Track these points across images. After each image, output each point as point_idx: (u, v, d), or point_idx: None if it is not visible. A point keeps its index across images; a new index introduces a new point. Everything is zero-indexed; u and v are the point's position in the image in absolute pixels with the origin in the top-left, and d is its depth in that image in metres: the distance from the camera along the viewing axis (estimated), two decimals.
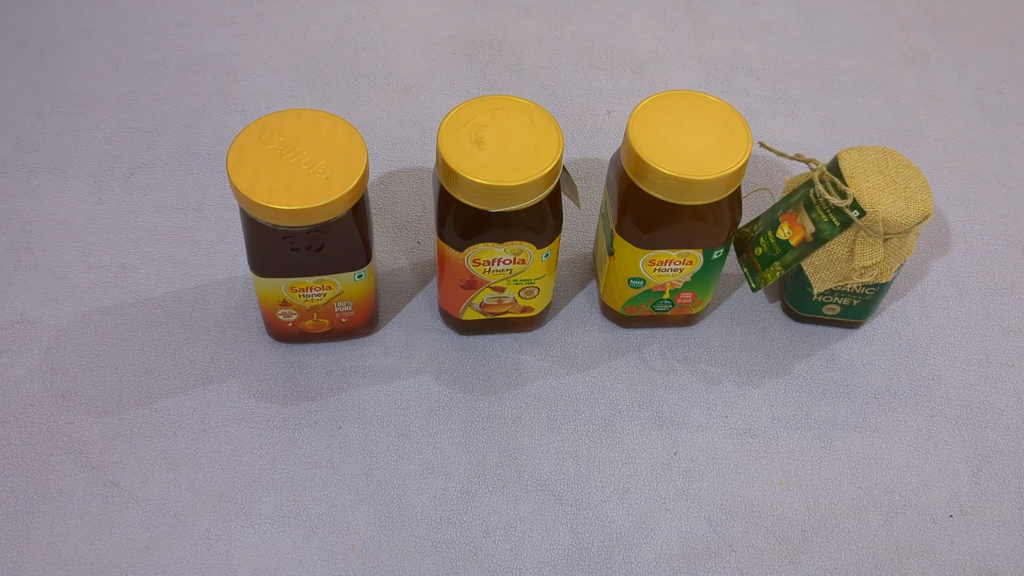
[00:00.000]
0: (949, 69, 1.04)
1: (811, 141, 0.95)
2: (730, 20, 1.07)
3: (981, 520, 0.74)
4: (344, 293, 0.73)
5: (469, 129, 0.68)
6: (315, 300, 0.73)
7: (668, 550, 0.71)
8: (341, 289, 0.72)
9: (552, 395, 0.78)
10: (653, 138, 0.69)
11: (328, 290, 0.72)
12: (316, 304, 0.73)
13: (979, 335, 0.84)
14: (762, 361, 0.81)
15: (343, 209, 0.66)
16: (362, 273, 0.72)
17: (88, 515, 0.70)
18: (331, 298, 0.73)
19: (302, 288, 0.71)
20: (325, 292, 0.72)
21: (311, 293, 0.72)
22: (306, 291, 0.72)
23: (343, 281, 0.72)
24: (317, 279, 0.71)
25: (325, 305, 0.74)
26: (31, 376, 0.76)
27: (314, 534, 0.70)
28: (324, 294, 0.72)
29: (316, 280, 0.71)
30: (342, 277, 0.71)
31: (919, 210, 0.72)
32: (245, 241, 0.70)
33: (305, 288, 0.72)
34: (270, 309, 0.74)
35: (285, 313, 0.74)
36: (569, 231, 0.86)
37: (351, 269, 0.71)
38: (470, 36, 1.02)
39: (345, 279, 0.72)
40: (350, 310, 0.75)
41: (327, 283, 0.71)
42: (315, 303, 0.73)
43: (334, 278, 0.71)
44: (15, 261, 0.83)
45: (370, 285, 0.74)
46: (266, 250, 0.69)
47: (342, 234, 0.68)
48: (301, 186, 0.64)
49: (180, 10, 1.02)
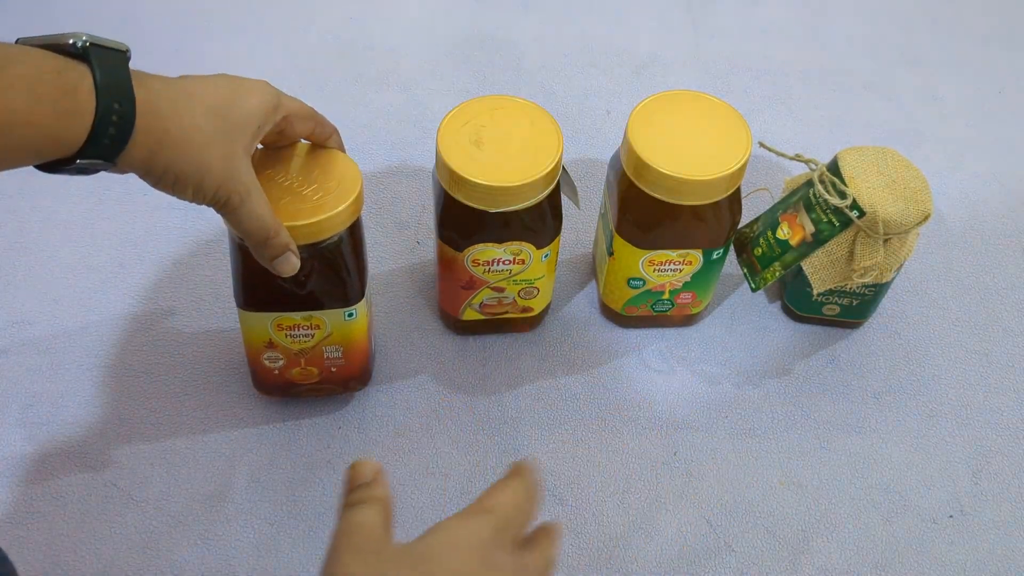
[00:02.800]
0: (949, 69, 1.04)
1: (811, 141, 0.95)
2: (730, 20, 1.07)
3: (981, 520, 0.74)
4: (334, 335, 0.69)
5: (469, 129, 0.68)
6: (303, 342, 0.69)
7: (668, 550, 0.71)
8: (331, 330, 0.68)
9: (552, 395, 0.78)
10: (653, 138, 0.69)
11: (316, 329, 0.68)
12: (304, 347, 0.69)
13: (979, 335, 0.84)
14: (762, 361, 0.81)
15: (334, 231, 0.63)
16: (353, 312, 0.68)
17: (88, 515, 0.70)
18: (320, 340, 0.69)
19: (289, 326, 0.68)
20: (313, 332, 0.68)
21: (298, 332, 0.68)
22: (293, 329, 0.68)
23: (332, 320, 0.68)
24: (305, 315, 0.67)
25: (313, 349, 0.70)
26: (31, 376, 0.76)
27: (314, 534, 0.70)
28: (312, 334, 0.68)
29: (304, 316, 0.67)
30: (331, 315, 0.67)
31: (919, 210, 0.72)
32: (232, 272, 0.66)
33: (292, 326, 0.68)
34: (256, 353, 0.70)
35: (271, 358, 0.70)
36: (569, 231, 0.86)
37: (341, 304, 0.67)
38: (470, 36, 1.02)
39: (334, 317, 0.67)
40: (340, 357, 0.71)
41: (316, 321, 0.67)
42: (303, 345, 0.69)
43: (323, 315, 0.67)
44: (15, 261, 0.83)
45: (362, 329, 0.70)
46: (254, 278, 0.64)
47: (332, 263, 0.65)
48: (291, 206, 0.61)
49: (180, 10, 1.02)
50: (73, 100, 0.48)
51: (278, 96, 0.60)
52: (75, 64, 0.49)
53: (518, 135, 0.68)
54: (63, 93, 0.48)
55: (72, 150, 0.49)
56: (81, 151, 0.49)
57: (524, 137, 0.68)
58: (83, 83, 0.49)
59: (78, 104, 0.48)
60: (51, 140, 0.48)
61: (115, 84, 0.50)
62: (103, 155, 0.50)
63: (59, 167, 0.50)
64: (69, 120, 0.48)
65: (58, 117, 0.48)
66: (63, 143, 0.49)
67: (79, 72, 0.49)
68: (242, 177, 0.56)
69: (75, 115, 0.48)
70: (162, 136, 0.52)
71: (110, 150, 0.50)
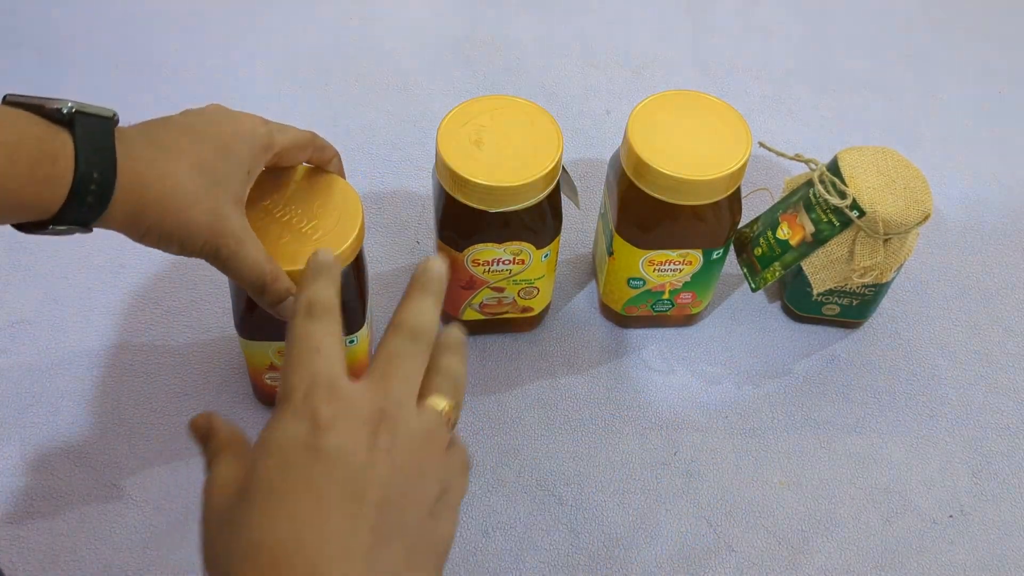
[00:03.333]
0: (949, 69, 1.04)
1: (811, 141, 0.95)
2: (730, 20, 1.07)
3: (981, 520, 0.74)
4: None
5: (469, 129, 0.68)
6: None
7: (668, 550, 0.71)
8: None
9: (552, 395, 0.78)
10: (653, 138, 0.69)
11: None
12: None
13: (979, 335, 0.84)
14: (762, 361, 0.81)
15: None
16: (354, 339, 0.67)
17: (87, 515, 0.70)
18: None
19: None
20: None
21: None
22: None
23: None
24: None
25: None
26: (31, 376, 0.76)
27: None
28: None
29: None
30: None
31: (919, 210, 0.72)
32: (232, 301, 0.65)
33: None
34: (257, 372, 0.70)
35: (273, 378, 0.70)
36: (569, 231, 0.86)
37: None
38: (470, 36, 1.02)
39: None
40: None
41: None
42: None
43: None
44: (15, 261, 0.83)
45: (363, 352, 0.70)
46: (253, 310, 0.63)
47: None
48: (290, 247, 0.60)
49: (180, 10, 1.02)
50: (52, 168, 0.48)
51: (269, 135, 0.58)
52: (58, 131, 0.49)
53: (518, 135, 0.68)
54: (42, 160, 0.48)
55: (48, 215, 0.49)
56: (56, 217, 0.49)
57: (524, 137, 0.68)
58: (64, 151, 0.48)
59: (57, 172, 0.48)
60: (25, 205, 0.48)
61: (97, 153, 0.49)
62: (78, 221, 0.50)
63: (33, 229, 0.50)
64: (46, 187, 0.48)
65: (35, 183, 0.48)
66: (38, 208, 0.49)
67: (61, 140, 0.49)
68: (231, 228, 0.55)
69: (53, 183, 0.48)
70: (143, 200, 0.51)
71: (87, 216, 0.50)
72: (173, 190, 0.52)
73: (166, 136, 0.54)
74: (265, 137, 0.58)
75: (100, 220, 0.51)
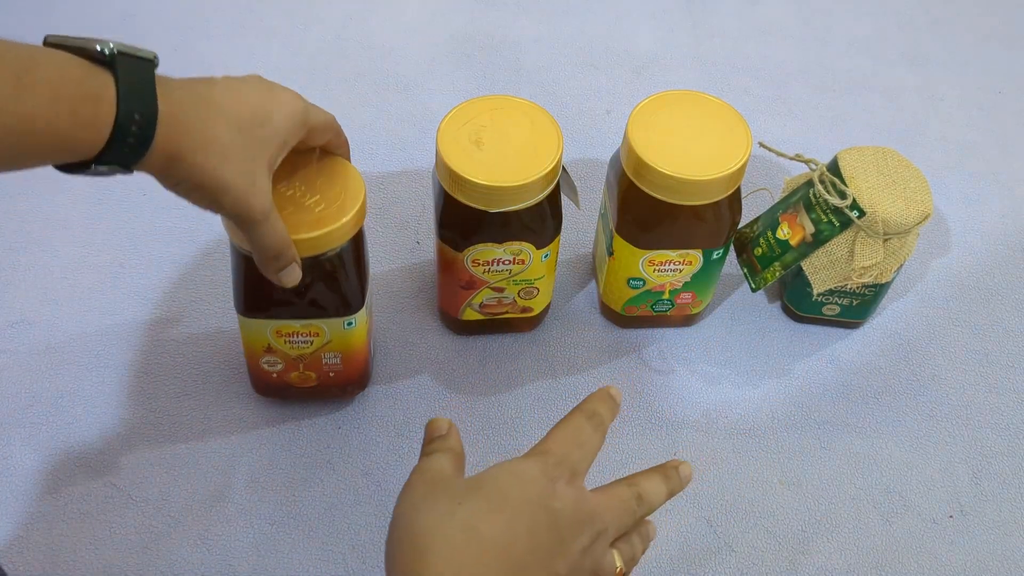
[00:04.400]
0: (949, 69, 1.04)
1: (811, 141, 0.95)
2: (730, 20, 1.07)
3: (981, 520, 0.74)
4: (333, 343, 0.69)
5: (469, 129, 0.68)
6: (302, 348, 0.69)
7: (668, 550, 0.71)
8: (330, 337, 0.68)
9: (552, 395, 0.78)
10: (653, 138, 0.69)
11: (316, 337, 0.68)
12: (303, 353, 0.69)
13: (979, 335, 0.84)
14: (762, 361, 0.81)
15: (336, 244, 0.62)
16: (352, 321, 0.68)
17: (87, 515, 0.70)
18: (319, 347, 0.69)
19: (288, 333, 0.67)
20: (312, 339, 0.68)
21: (298, 339, 0.68)
22: (292, 336, 0.67)
23: (332, 328, 0.67)
24: (305, 323, 0.67)
25: (312, 355, 0.69)
26: (31, 376, 0.76)
27: (314, 534, 0.70)
28: (311, 341, 0.68)
29: (303, 324, 0.67)
30: (331, 323, 0.67)
31: (919, 210, 0.72)
32: (232, 279, 0.66)
33: (292, 333, 0.67)
34: (254, 356, 0.70)
35: (270, 362, 0.70)
36: (569, 231, 0.86)
37: (341, 313, 0.66)
38: (470, 36, 1.02)
39: (334, 326, 0.67)
40: (339, 363, 0.71)
41: (315, 328, 0.67)
42: (302, 351, 0.69)
43: (322, 323, 0.67)
44: (15, 261, 0.83)
45: (361, 336, 0.70)
46: (254, 286, 0.64)
47: (333, 273, 0.64)
48: (293, 217, 0.61)
49: (180, 10, 1.02)
50: (94, 108, 0.48)
51: (306, 112, 0.59)
52: (100, 71, 0.49)
53: (518, 135, 0.68)
54: (84, 100, 0.48)
55: (89, 156, 0.49)
56: (98, 157, 0.49)
57: (524, 137, 0.68)
58: (106, 92, 0.48)
59: (99, 112, 0.48)
60: (68, 146, 0.48)
61: (138, 95, 0.49)
62: (120, 162, 0.50)
63: (75, 170, 0.50)
64: (88, 127, 0.48)
65: (77, 124, 0.48)
66: (80, 149, 0.49)
67: (103, 80, 0.48)
68: (260, 196, 0.56)
69: (95, 123, 0.48)
70: (181, 148, 0.52)
71: (127, 158, 0.50)
72: (211, 143, 0.53)
73: (207, 91, 0.55)
74: (303, 114, 0.59)
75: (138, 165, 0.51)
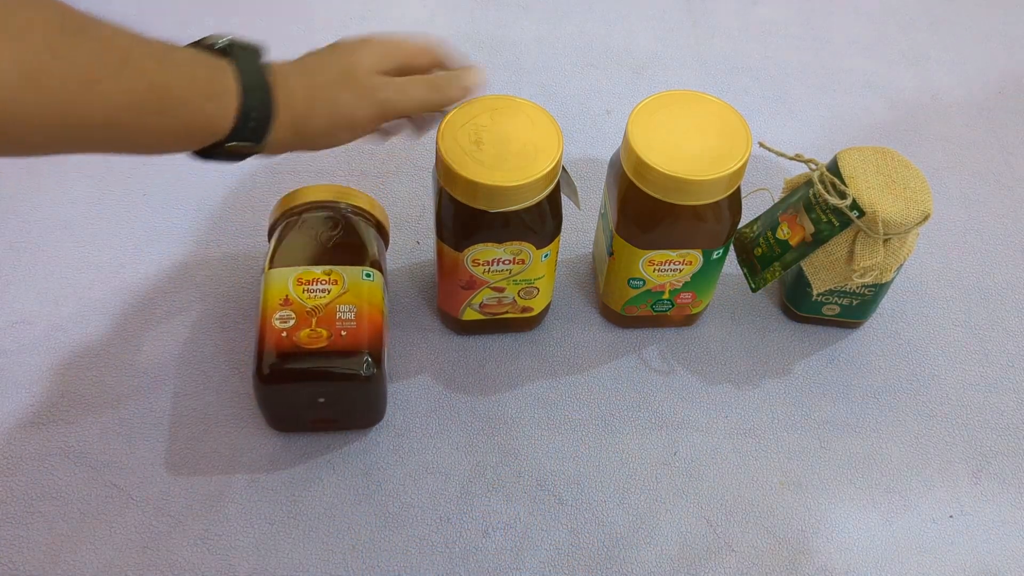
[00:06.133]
0: (949, 69, 1.04)
1: (811, 141, 0.95)
2: (730, 20, 1.07)
3: (981, 520, 0.74)
4: (349, 293, 0.71)
5: (469, 129, 0.68)
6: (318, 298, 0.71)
7: (668, 550, 0.71)
8: (347, 287, 0.71)
9: (552, 395, 0.78)
10: (653, 138, 0.69)
11: (334, 285, 0.71)
12: (318, 303, 0.71)
13: (979, 335, 0.84)
14: (762, 361, 0.81)
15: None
16: (370, 273, 0.72)
17: (88, 515, 0.70)
18: (335, 296, 0.71)
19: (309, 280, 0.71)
20: (330, 287, 0.71)
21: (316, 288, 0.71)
22: (312, 284, 0.71)
23: (351, 277, 0.71)
24: (326, 269, 0.71)
25: (327, 307, 0.71)
26: (31, 376, 0.76)
27: (314, 534, 0.70)
28: (329, 290, 0.71)
29: (325, 271, 0.71)
30: (350, 272, 0.71)
31: (919, 210, 0.72)
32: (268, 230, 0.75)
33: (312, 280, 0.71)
34: (269, 314, 0.70)
35: (283, 317, 0.70)
36: (569, 231, 0.86)
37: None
38: (470, 36, 1.02)
39: (353, 275, 0.72)
40: (352, 319, 0.71)
41: (335, 276, 0.71)
42: (317, 301, 0.71)
43: (342, 271, 0.71)
44: (15, 261, 0.83)
45: (377, 293, 0.72)
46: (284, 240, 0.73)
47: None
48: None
49: (181, 10, 1.02)
50: (223, 84, 0.55)
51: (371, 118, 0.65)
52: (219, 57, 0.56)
53: (518, 135, 0.68)
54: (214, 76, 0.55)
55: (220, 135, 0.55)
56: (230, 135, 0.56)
57: (524, 137, 0.68)
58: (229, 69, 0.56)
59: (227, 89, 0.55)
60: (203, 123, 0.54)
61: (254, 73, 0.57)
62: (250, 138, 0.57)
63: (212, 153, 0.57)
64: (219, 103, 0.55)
65: (210, 100, 0.54)
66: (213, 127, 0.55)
67: (223, 63, 0.56)
68: (384, 90, 0.63)
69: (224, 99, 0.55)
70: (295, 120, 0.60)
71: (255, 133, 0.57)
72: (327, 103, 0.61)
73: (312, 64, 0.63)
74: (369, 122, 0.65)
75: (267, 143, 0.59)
